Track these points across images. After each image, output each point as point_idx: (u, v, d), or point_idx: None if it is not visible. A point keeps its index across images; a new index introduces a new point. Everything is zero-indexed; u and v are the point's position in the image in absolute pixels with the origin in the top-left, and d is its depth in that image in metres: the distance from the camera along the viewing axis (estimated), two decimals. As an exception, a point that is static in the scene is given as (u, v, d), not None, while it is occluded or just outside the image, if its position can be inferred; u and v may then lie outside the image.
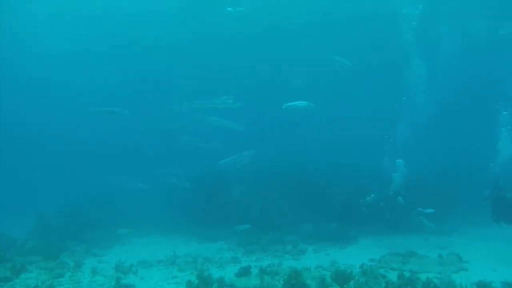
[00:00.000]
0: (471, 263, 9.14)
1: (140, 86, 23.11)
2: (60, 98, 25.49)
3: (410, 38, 17.15)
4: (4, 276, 8.37)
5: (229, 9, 16.28)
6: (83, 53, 22.52)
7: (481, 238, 12.58)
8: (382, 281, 6.92)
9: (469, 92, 21.91)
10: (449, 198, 15.13)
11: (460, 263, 9.05)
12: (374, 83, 21.48)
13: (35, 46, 22.15)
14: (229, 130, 14.38)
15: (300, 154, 18.17)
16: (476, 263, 9.20)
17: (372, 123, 20.96)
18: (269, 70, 18.10)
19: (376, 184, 13.32)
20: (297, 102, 12.24)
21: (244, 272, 8.60)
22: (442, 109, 21.67)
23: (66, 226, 13.92)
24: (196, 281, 7.24)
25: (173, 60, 21.60)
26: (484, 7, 16.84)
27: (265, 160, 16.05)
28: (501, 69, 19.21)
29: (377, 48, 19.39)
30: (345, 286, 6.24)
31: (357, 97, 22.36)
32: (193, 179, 15.74)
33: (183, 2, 18.71)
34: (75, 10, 19.92)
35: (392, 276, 7.86)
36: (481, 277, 7.67)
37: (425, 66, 17.69)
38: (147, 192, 15.82)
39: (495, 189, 9.99)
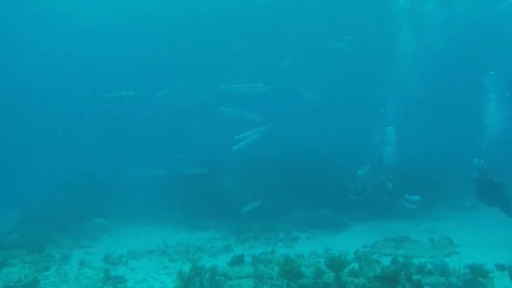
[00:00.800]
0: (461, 247, 9.21)
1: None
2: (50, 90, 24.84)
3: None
4: (-18, 271, 8.02)
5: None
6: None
7: (469, 222, 12.78)
8: (377, 266, 6.85)
9: (455, 73, 21.95)
10: (438, 183, 15.29)
11: (452, 246, 9.12)
12: (364, 73, 21.41)
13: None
14: (245, 120, 14.01)
15: (292, 142, 18.09)
16: (467, 246, 9.28)
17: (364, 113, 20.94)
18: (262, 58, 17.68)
19: (367, 165, 13.27)
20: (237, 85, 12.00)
21: (237, 260, 8.48)
22: (430, 97, 21.86)
23: (52, 217, 13.52)
24: (188, 271, 7.06)
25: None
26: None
27: (256, 149, 15.85)
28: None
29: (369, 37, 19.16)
30: (340, 272, 6.14)
31: (348, 85, 22.31)
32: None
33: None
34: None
35: (386, 261, 7.84)
36: (472, 260, 7.74)
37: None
38: (138, 181, 15.46)
39: (482, 172, 10.10)
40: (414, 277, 5.90)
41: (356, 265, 6.98)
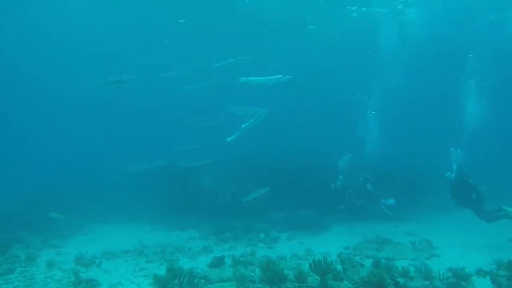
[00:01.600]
0: (441, 249, 9.30)
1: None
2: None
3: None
4: None
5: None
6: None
7: (445, 223, 13.02)
8: (361, 269, 6.76)
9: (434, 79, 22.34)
10: (416, 186, 15.50)
11: (431, 249, 9.18)
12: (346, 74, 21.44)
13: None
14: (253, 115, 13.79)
15: (272, 142, 17.94)
16: (445, 248, 9.37)
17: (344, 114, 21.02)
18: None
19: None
20: (258, 78, 11.88)
21: (218, 262, 8.20)
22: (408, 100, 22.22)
23: (20, 215, 12.77)
24: (166, 274, 6.73)
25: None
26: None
27: (237, 147, 15.60)
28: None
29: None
30: (325, 277, 5.99)
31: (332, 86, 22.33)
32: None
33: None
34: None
35: (368, 263, 7.80)
36: (452, 262, 7.80)
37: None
38: (114, 178, 14.90)
39: (458, 174, 10.29)
40: (400, 280, 5.83)
41: (339, 267, 6.86)
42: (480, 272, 6.50)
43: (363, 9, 17.14)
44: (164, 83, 16.72)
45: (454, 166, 10.64)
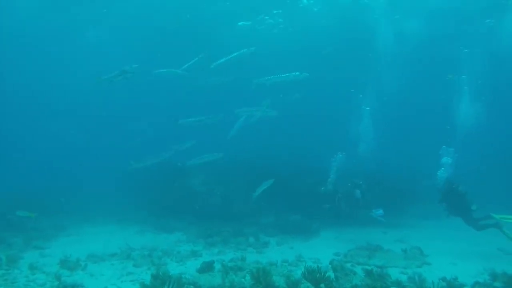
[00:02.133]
0: (432, 257, 9.29)
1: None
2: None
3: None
4: None
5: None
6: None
7: (434, 229, 13.11)
8: (353, 277, 6.69)
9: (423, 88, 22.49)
10: (406, 192, 15.57)
11: (422, 257, 9.18)
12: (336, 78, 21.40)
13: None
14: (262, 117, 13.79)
15: (262, 146, 17.82)
16: (436, 256, 9.37)
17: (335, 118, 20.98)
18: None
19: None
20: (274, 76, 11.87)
21: (207, 267, 8.01)
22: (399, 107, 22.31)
23: (2, 214, 12.33)
24: (153, 280, 6.52)
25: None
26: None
27: (227, 150, 15.42)
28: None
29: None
30: (319, 286, 5.90)
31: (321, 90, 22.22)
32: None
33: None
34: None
35: (359, 270, 7.73)
36: (443, 271, 7.83)
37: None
38: (101, 177, 14.55)
39: (447, 182, 10.36)
40: (393, 291, 5.78)
41: (331, 275, 6.77)
42: (476, 285, 6.47)
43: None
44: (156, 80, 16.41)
45: (442, 148, 10.71)
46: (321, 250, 10.29)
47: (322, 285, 5.97)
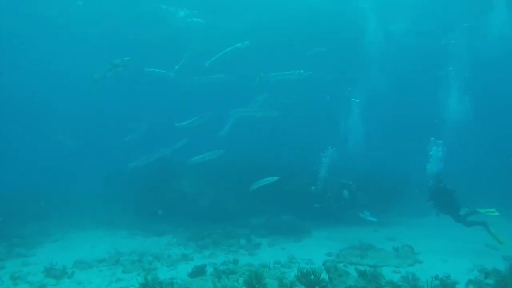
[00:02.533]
0: (423, 255, 9.33)
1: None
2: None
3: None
4: None
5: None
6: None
7: (425, 228, 13.18)
8: (347, 279, 6.63)
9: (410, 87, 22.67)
10: (396, 191, 15.65)
11: (414, 255, 9.21)
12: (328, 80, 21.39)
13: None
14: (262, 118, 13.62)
15: (253, 146, 17.68)
16: (427, 254, 9.42)
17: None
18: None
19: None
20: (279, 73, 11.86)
21: (199, 271, 7.86)
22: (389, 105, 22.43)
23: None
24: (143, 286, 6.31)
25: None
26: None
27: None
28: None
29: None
30: None
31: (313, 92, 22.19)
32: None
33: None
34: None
35: (352, 270, 7.68)
36: (435, 269, 7.86)
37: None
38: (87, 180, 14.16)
39: (436, 180, 10.42)
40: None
41: (325, 276, 6.70)
42: (469, 283, 6.50)
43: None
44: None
45: (431, 139, 10.77)
46: (313, 251, 10.25)
47: (316, 287, 5.88)
